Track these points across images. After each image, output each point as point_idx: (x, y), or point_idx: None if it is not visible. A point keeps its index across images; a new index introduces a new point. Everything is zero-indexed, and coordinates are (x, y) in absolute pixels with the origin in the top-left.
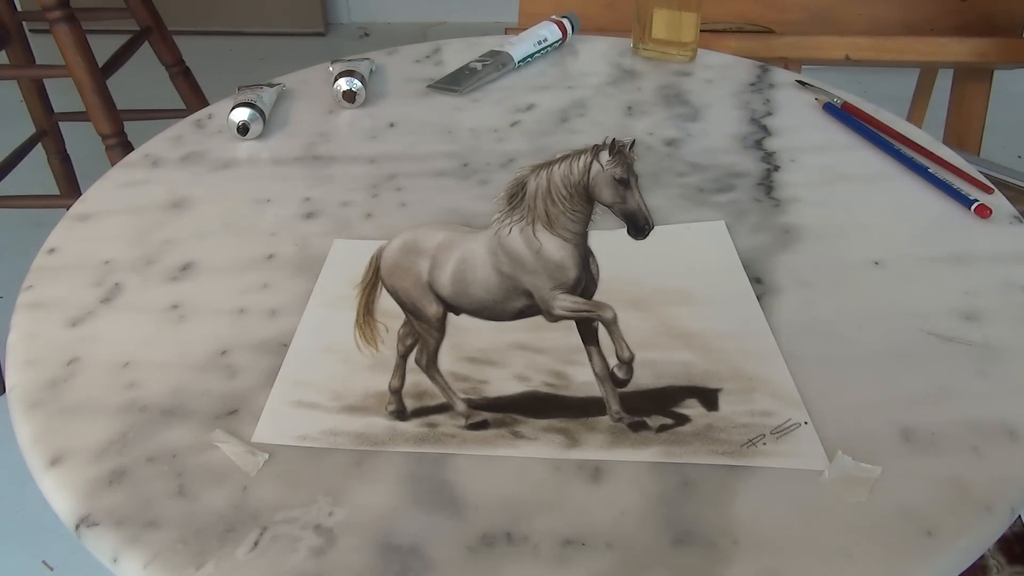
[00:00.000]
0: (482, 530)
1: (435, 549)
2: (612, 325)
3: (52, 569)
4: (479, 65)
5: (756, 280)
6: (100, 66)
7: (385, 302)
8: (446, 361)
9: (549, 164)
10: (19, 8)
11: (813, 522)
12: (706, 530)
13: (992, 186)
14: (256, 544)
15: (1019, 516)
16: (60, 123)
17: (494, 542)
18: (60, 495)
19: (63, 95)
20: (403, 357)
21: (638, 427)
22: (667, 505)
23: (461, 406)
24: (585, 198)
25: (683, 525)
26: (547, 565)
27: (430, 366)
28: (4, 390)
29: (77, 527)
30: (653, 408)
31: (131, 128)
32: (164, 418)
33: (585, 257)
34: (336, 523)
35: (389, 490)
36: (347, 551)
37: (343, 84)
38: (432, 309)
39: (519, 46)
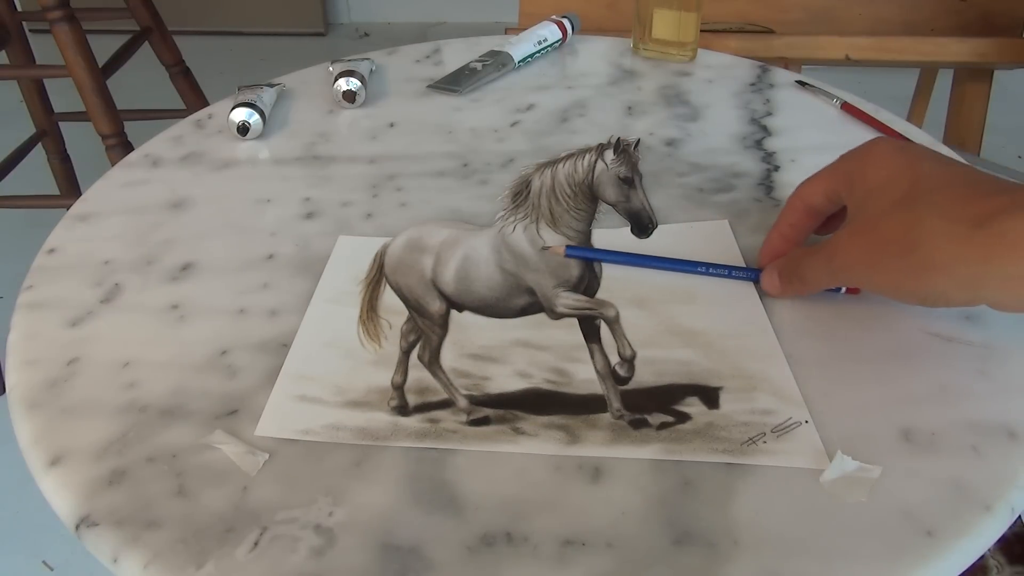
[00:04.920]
0: (482, 530)
1: (435, 549)
2: (614, 323)
3: (52, 569)
4: (479, 65)
5: (756, 281)
6: (100, 66)
7: (389, 298)
8: (448, 358)
9: (553, 163)
10: (19, 8)
11: (813, 522)
12: (706, 530)
13: None
14: (256, 544)
15: (1019, 516)
16: (60, 123)
17: (494, 542)
18: (60, 495)
19: (63, 95)
20: (406, 353)
21: (639, 424)
22: (667, 505)
23: (463, 402)
24: (589, 197)
25: (683, 525)
26: (547, 565)
27: (432, 362)
28: (4, 390)
29: (77, 527)
30: (654, 406)
31: (131, 128)
32: (164, 418)
33: None
34: (336, 523)
35: (389, 490)
36: (347, 551)
37: (343, 84)
38: (435, 306)
39: (519, 46)
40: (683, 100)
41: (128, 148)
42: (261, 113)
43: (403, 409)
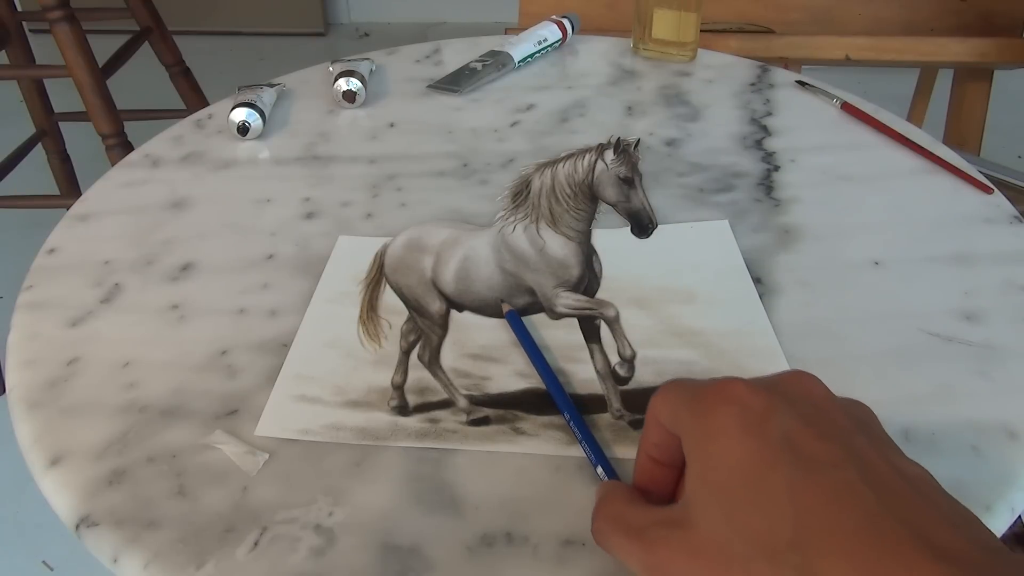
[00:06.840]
0: (482, 530)
1: (435, 549)
2: (614, 323)
3: (52, 569)
4: (479, 65)
5: (756, 280)
6: (100, 66)
7: (389, 298)
8: (448, 357)
9: (554, 162)
10: (19, 8)
11: None
12: None
13: (992, 186)
14: (256, 544)
15: (1019, 516)
16: (60, 123)
17: (494, 542)
18: (60, 495)
19: (63, 95)
20: (406, 353)
21: (639, 425)
22: None
23: (463, 402)
24: (589, 197)
25: None
26: (547, 565)
27: (432, 362)
28: (4, 390)
29: (77, 527)
30: None
31: (131, 128)
32: (164, 418)
33: (588, 255)
34: (336, 523)
35: (389, 490)
36: (347, 551)
37: (343, 84)
38: (435, 306)
39: (519, 46)
40: (683, 100)
41: (128, 148)
42: (261, 113)
43: (403, 409)
